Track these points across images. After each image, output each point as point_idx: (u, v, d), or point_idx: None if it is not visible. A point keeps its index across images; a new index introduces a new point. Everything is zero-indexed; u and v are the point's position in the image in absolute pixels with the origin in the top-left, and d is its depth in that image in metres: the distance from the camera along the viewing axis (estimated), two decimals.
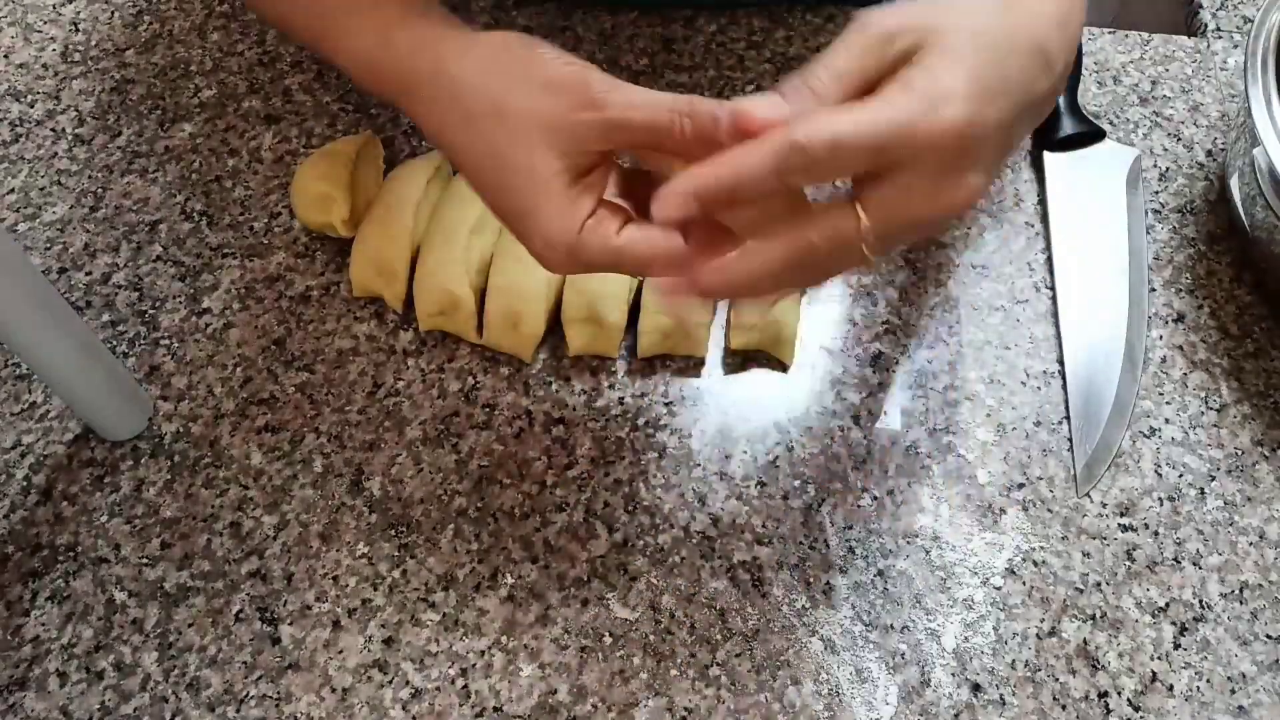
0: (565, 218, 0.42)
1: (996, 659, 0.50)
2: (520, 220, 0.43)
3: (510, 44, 0.44)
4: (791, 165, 0.38)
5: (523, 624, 0.51)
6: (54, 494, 0.55)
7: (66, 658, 0.51)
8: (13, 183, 0.66)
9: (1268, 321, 0.59)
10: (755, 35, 0.70)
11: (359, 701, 0.49)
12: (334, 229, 0.60)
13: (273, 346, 0.59)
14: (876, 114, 0.38)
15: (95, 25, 0.73)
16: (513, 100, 0.42)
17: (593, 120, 0.41)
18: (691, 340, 0.57)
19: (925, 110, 0.38)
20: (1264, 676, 0.50)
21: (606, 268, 0.43)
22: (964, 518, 0.54)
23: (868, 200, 0.39)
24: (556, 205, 0.42)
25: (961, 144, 0.38)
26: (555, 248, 0.42)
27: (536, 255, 0.43)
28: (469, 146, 0.44)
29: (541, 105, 0.42)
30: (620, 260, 0.42)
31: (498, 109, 0.43)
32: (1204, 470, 0.55)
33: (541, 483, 0.55)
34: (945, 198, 0.39)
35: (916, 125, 0.37)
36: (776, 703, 0.49)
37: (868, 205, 0.39)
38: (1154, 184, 0.64)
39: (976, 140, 0.38)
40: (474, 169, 0.44)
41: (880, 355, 0.58)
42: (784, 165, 0.38)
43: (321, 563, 0.53)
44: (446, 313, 0.57)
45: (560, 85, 0.42)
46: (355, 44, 0.48)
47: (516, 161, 0.42)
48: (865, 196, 0.39)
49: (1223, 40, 0.70)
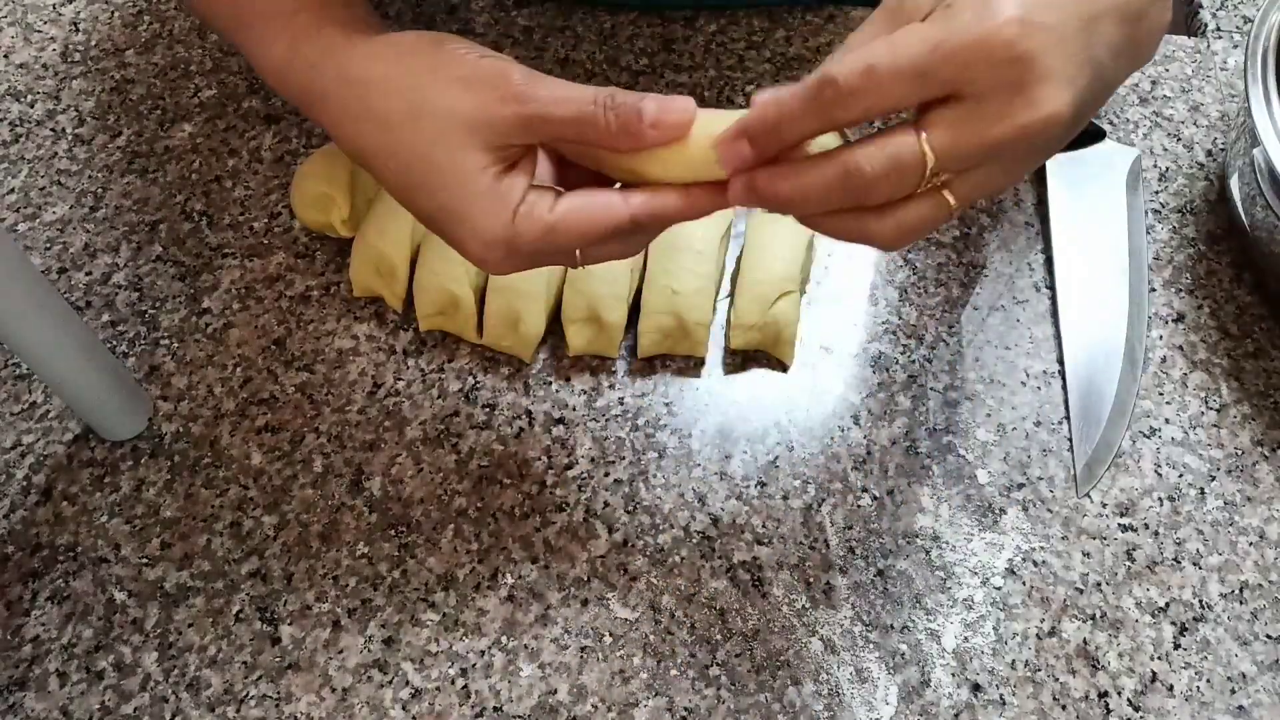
0: (497, 210, 0.41)
1: (996, 659, 0.50)
2: (451, 223, 0.42)
3: (421, 44, 0.43)
4: (827, 99, 0.36)
5: (523, 624, 0.51)
6: (54, 494, 0.55)
7: (66, 658, 0.51)
8: (13, 183, 0.66)
9: (1268, 321, 0.59)
10: (755, 35, 0.70)
11: (359, 701, 0.49)
12: (334, 229, 0.60)
13: (273, 346, 0.59)
14: (912, 35, 0.35)
15: (95, 25, 0.73)
16: (430, 100, 0.41)
17: (515, 114, 0.41)
18: (691, 340, 0.57)
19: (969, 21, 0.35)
20: (1264, 676, 0.50)
21: (546, 253, 0.42)
22: (964, 518, 0.54)
23: (928, 122, 0.36)
24: (487, 199, 0.41)
25: (1015, 52, 0.34)
26: (493, 245, 0.41)
27: (475, 258, 0.43)
28: (388, 152, 0.43)
29: (461, 102, 0.41)
30: (556, 237, 0.41)
31: (414, 111, 0.42)
32: (1204, 470, 0.55)
33: (541, 483, 0.55)
34: (1019, 117, 0.35)
35: (958, 39, 0.35)
36: (776, 703, 0.49)
37: (929, 126, 0.36)
38: (1154, 184, 0.64)
39: (1036, 47, 0.35)
40: (394, 174, 0.43)
41: (880, 355, 0.58)
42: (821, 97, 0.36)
43: (321, 563, 0.53)
44: (446, 313, 0.57)
45: (479, 80, 0.41)
46: (268, 51, 0.47)
47: (439, 161, 0.41)
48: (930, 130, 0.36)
49: (1223, 40, 0.70)
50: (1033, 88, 0.35)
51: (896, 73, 0.35)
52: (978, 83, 0.35)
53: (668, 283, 0.56)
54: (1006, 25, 0.34)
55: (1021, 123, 0.35)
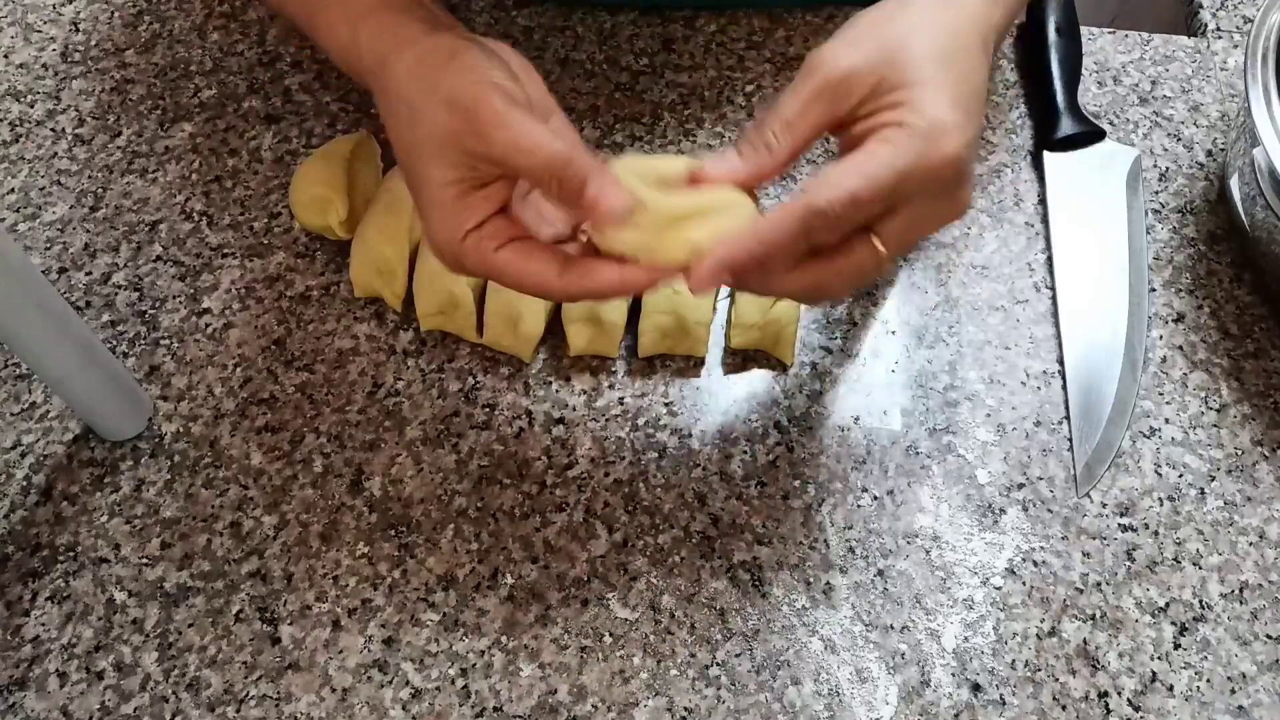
0: (449, 228, 0.44)
1: (996, 659, 0.50)
2: (423, 217, 0.45)
3: (436, 51, 0.45)
4: (816, 227, 0.41)
5: (523, 624, 0.51)
6: (54, 494, 0.55)
7: (66, 658, 0.51)
8: (13, 183, 0.66)
9: (1268, 321, 0.59)
10: (755, 35, 0.70)
11: (359, 701, 0.49)
12: (332, 231, 0.60)
13: (273, 346, 0.59)
14: (883, 162, 0.41)
15: (95, 25, 0.73)
16: (421, 110, 0.44)
17: (477, 150, 0.43)
18: (691, 340, 0.57)
19: (928, 148, 0.41)
20: (1264, 676, 0.50)
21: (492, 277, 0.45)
22: (964, 518, 0.54)
23: (884, 231, 0.42)
24: (443, 214, 0.44)
25: (960, 167, 0.42)
26: (442, 251, 0.45)
27: (434, 252, 0.46)
28: (396, 142, 0.46)
29: (438, 121, 0.43)
30: (497, 275, 0.44)
31: (412, 115, 0.44)
32: (1204, 470, 0.55)
33: (541, 483, 0.55)
34: (948, 213, 0.44)
35: (922, 163, 0.41)
36: (776, 703, 0.49)
37: (884, 237, 0.42)
38: (1154, 184, 0.64)
39: (969, 159, 0.42)
40: (399, 163, 0.46)
41: (880, 355, 0.58)
42: (809, 228, 0.41)
43: (321, 563, 0.53)
44: (446, 313, 0.57)
45: (457, 106, 0.43)
46: (333, 34, 0.49)
47: (416, 167, 0.44)
48: (881, 229, 0.42)
49: (1223, 40, 0.70)
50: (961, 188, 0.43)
51: (874, 197, 0.41)
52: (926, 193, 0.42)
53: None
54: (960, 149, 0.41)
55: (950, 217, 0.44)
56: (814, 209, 0.40)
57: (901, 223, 0.42)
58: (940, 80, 0.42)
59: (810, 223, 0.41)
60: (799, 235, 0.41)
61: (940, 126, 0.41)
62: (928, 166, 0.41)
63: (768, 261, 0.42)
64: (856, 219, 0.42)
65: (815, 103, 0.43)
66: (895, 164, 0.41)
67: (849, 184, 0.40)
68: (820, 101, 0.43)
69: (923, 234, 0.45)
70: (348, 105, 0.68)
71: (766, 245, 0.41)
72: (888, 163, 0.41)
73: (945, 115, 0.41)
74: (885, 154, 0.41)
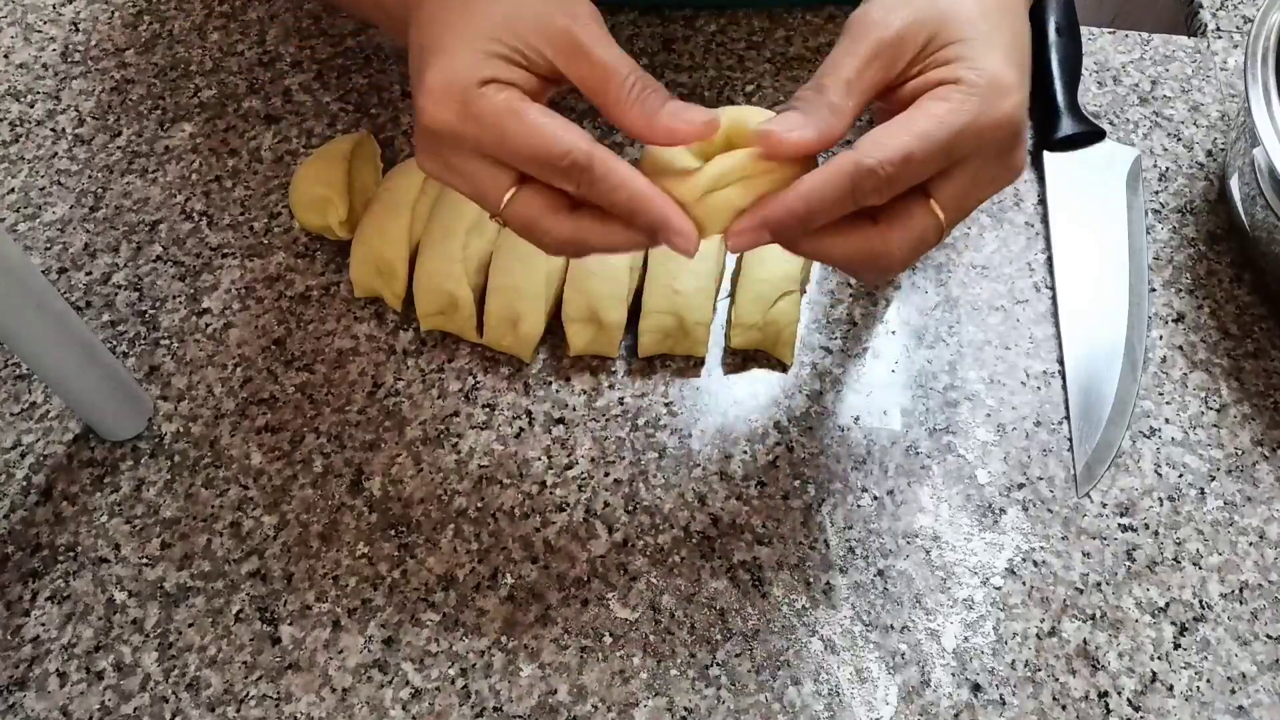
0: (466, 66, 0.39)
1: (996, 659, 0.50)
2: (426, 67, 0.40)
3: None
4: (864, 188, 0.39)
5: (523, 624, 0.51)
6: (54, 494, 0.55)
7: (66, 658, 0.51)
8: (13, 183, 0.66)
9: (1268, 321, 0.59)
10: (755, 35, 0.70)
11: (359, 701, 0.49)
12: (332, 231, 0.60)
13: (273, 346, 0.59)
14: (940, 120, 0.39)
15: (95, 25, 0.73)
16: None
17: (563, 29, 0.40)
18: (691, 340, 0.57)
19: (987, 105, 0.39)
20: (1264, 676, 0.50)
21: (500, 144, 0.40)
22: (964, 518, 0.54)
23: (941, 196, 0.40)
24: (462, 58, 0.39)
25: (1017, 128, 0.40)
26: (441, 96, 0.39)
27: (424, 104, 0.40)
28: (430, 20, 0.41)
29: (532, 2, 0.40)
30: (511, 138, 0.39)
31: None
32: (1204, 470, 0.55)
33: (541, 483, 0.55)
34: (1004, 176, 0.42)
35: (980, 121, 0.39)
36: (776, 703, 0.49)
37: (942, 201, 0.41)
38: (1154, 184, 0.64)
39: (1024, 120, 0.40)
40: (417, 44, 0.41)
41: (880, 355, 0.58)
42: (858, 188, 0.39)
43: (321, 563, 0.53)
44: (446, 313, 0.57)
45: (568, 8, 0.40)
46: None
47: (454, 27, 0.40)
48: (939, 193, 0.40)
49: (1223, 40, 0.70)
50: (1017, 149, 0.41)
51: (927, 158, 0.39)
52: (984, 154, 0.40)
53: (668, 282, 0.56)
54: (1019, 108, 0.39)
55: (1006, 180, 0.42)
56: (864, 168, 0.38)
57: (958, 185, 0.40)
58: (994, 38, 0.40)
59: (859, 182, 0.39)
60: (846, 195, 0.39)
61: (999, 83, 0.39)
62: (985, 124, 0.39)
63: (810, 220, 0.40)
64: (909, 180, 0.39)
65: (872, 63, 0.40)
66: (953, 121, 0.39)
67: (901, 142, 0.38)
68: (878, 61, 0.40)
69: (980, 198, 0.42)
70: (348, 105, 0.68)
71: (810, 203, 0.39)
72: (945, 120, 0.39)
73: (1004, 72, 0.39)
74: (942, 111, 0.39)
